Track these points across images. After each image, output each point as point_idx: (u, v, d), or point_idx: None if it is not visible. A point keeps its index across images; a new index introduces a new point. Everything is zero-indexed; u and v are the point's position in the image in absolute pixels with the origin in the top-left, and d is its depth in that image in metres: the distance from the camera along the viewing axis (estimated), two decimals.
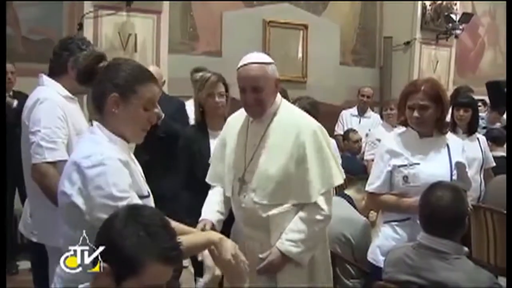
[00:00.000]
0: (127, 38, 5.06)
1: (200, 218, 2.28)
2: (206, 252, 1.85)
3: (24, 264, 4.08)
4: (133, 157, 1.83)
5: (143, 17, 5.16)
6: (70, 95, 2.43)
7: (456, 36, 7.32)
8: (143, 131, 1.71)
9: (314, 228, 2.19)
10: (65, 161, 2.22)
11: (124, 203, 1.51)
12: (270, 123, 2.27)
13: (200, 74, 3.05)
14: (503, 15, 8.80)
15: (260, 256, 2.17)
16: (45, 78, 2.45)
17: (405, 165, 2.43)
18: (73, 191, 1.54)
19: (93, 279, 1.35)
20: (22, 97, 3.72)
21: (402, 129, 2.58)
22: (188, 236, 1.79)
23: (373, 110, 6.34)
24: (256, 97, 2.20)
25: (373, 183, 2.52)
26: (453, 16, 7.18)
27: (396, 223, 2.46)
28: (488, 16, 8.70)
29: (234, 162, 2.32)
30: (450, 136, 2.58)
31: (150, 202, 1.73)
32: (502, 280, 3.21)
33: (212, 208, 2.35)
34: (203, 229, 2.17)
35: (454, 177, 2.43)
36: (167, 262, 1.32)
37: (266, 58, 2.27)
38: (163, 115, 3.41)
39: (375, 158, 2.62)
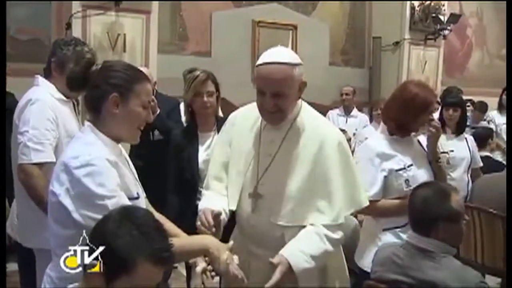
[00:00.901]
0: (116, 38, 5.03)
1: (207, 207, 1.89)
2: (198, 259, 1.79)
3: (11, 266, 4.04)
4: (127, 158, 1.84)
5: (132, 17, 5.14)
6: (63, 97, 2.41)
7: (444, 37, 7.38)
8: (138, 129, 1.73)
9: (333, 247, 1.90)
10: (51, 163, 2.24)
11: (112, 201, 1.53)
12: (289, 130, 1.96)
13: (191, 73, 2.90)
14: (490, 16, 8.90)
15: (271, 260, 1.77)
16: (40, 79, 2.45)
17: (403, 168, 2.37)
18: (61, 191, 1.56)
19: (84, 278, 1.35)
20: (7, 96, 3.69)
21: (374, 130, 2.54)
22: (184, 240, 1.78)
23: (361, 110, 6.36)
24: (276, 103, 1.86)
25: (367, 191, 2.30)
26: (441, 17, 7.24)
27: (398, 229, 2.36)
28: (475, 17, 8.78)
29: (244, 172, 1.99)
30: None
31: (141, 204, 1.73)
32: (489, 279, 3.25)
33: (221, 201, 1.97)
34: (215, 216, 1.84)
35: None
36: (159, 263, 1.33)
37: (293, 57, 1.90)
38: (158, 110, 3.42)
39: (362, 163, 2.39)
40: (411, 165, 2.40)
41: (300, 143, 1.94)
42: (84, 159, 1.55)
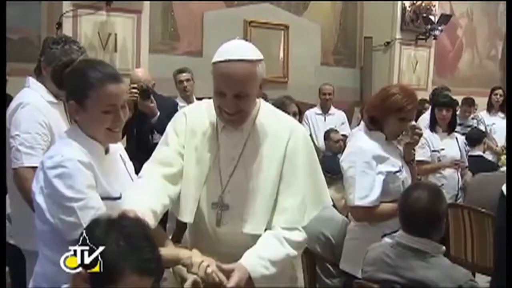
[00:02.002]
0: (107, 38, 5.02)
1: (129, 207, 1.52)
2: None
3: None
4: (123, 156, 1.82)
5: (123, 16, 5.13)
6: (54, 99, 2.38)
7: (435, 37, 7.42)
8: (111, 131, 1.67)
9: (296, 250, 1.73)
10: None
11: (79, 204, 1.56)
12: (252, 129, 1.78)
13: None
14: (480, 16, 8.96)
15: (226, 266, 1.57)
16: (31, 81, 2.42)
17: (399, 171, 2.35)
18: (36, 189, 1.62)
19: (71, 282, 1.34)
20: None
21: (359, 132, 2.51)
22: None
23: (352, 110, 6.37)
24: (239, 104, 1.67)
25: (368, 196, 2.30)
26: (432, 17, 7.28)
27: (397, 232, 2.26)
28: (465, 17, 8.84)
29: (201, 180, 1.77)
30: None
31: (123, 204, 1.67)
32: (480, 277, 3.27)
33: (154, 197, 1.65)
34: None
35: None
36: (145, 274, 1.29)
37: (254, 53, 1.71)
38: (158, 113, 3.38)
39: (359, 167, 2.33)
40: (402, 166, 2.41)
41: (267, 141, 1.77)
42: (56, 160, 1.58)
